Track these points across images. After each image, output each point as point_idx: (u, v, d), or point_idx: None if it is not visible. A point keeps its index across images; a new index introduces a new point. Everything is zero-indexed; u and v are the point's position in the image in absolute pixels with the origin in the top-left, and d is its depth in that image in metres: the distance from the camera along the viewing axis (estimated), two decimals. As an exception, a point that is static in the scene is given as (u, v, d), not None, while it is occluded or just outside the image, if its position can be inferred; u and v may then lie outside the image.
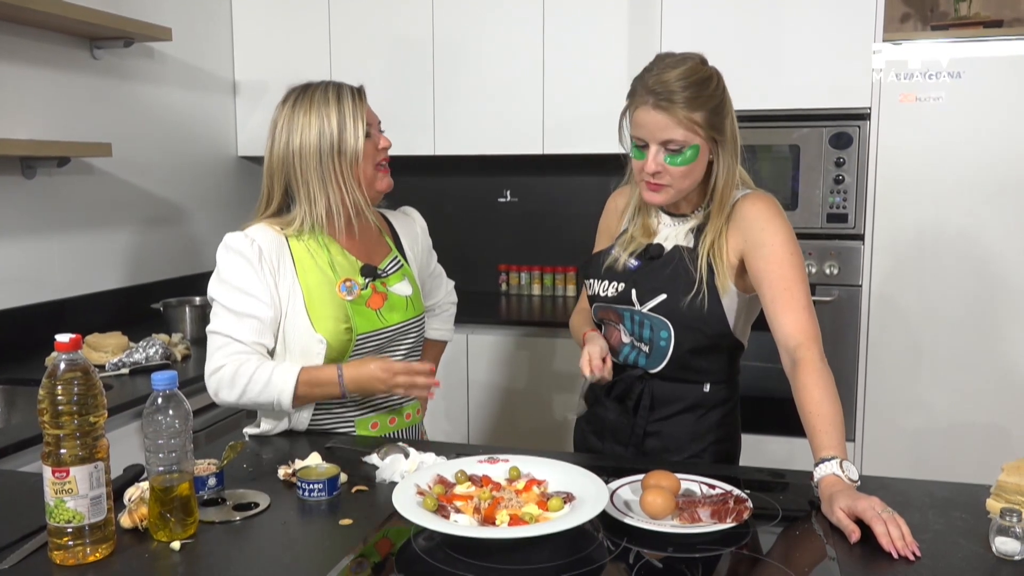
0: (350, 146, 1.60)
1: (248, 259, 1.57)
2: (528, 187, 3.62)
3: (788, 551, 1.18)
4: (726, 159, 1.53)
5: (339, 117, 1.60)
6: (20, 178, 2.53)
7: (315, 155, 1.60)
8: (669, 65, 1.49)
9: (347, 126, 1.60)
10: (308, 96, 1.62)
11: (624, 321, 1.63)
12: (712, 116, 1.48)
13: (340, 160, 1.60)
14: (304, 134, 1.60)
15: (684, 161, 1.49)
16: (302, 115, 1.61)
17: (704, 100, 1.47)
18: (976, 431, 2.71)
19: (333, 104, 1.61)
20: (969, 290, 2.68)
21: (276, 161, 1.63)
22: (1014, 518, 1.11)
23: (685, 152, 1.48)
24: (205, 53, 3.34)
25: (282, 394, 1.55)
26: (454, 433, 3.15)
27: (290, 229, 1.63)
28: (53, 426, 1.08)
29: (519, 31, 3.16)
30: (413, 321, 1.74)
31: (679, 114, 1.46)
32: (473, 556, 1.12)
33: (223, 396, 1.57)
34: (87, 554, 1.11)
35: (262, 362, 1.56)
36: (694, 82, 1.47)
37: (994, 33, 2.66)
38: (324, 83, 1.65)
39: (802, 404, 1.38)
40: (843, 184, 2.72)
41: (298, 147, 1.60)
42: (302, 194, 1.62)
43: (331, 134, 1.60)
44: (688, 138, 1.47)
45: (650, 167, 1.50)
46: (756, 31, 2.74)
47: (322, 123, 1.60)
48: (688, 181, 1.53)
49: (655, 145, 1.49)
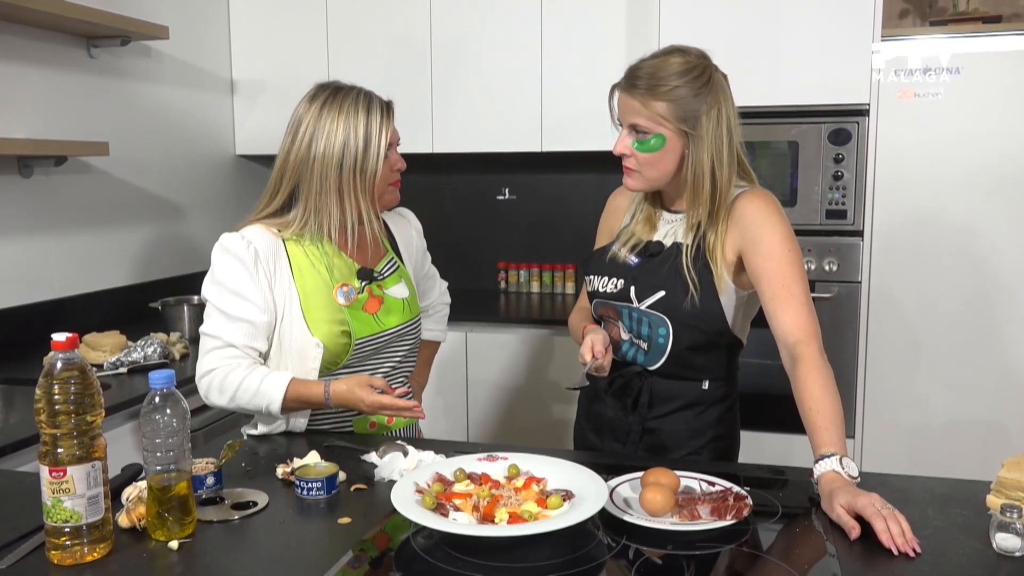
0: (371, 164, 1.57)
1: (243, 262, 1.55)
2: (527, 185, 3.62)
3: (788, 548, 1.18)
4: (698, 155, 1.51)
5: (366, 131, 1.57)
6: (17, 177, 2.53)
7: (336, 166, 1.56)
8: (657, 54, 1.53)
9: (372, 142, 1.57)
10: (339, 101, 1.58)
11: (623, 318, 1.63)
12: (678, 108, 1.48)
13: (360, 175, 1.57)
14: (329, 141, 1.56)
15: (649, 148, 1.52)
16: (329, 120, 1.56)
17: (667, 91, 1.48)
18: (975, 427, 2.70)
19: (362, 116, 1.57)
20: (968, 286, 2.68)
21: (293, 161, 1.58)
22: (1014, 514, 1.11)
23: (650, 140, 1.51)
24: (202, 52, 3.33)
25: (271, 404, 1.54)
26: (453, 431, 3.15)
27: (288, 231, 1.61)
28: (50, 425, 1.08)
29: (517, 29, 3.15)
30: (410, 323, 1.73)
31: (638, 100, 1.50)
32: (472, 554, 1.12)
33: (213, 399, 1.56)
34: (85, 554, 1.11)
35: (253, 368, 1.55)
36: (666, 75, 1.49)
37: (993, 29, 2.66)
38: (356, 90, 1.61)
39: (802, 401, 1.37)
40: (842, 180, 2.72)
41: (320, 153, 1.56)
42: (312, 201, 1.58)
43: (356, 148, 1.56)
44: (651, 126, 1.50)
45: (617, 148, 1.55)
46: (754, 27, 2.73)
47: (348, 133, 1.56)
48: (657, 171, 1.54)
49: (625, 127, 1.54)
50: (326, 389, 1.54)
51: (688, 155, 1.52)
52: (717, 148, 1.51)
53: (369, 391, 1.52)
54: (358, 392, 1.52)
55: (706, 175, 1.52)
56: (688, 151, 1.52)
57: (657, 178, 1.56)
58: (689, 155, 1.52)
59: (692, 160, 1.52)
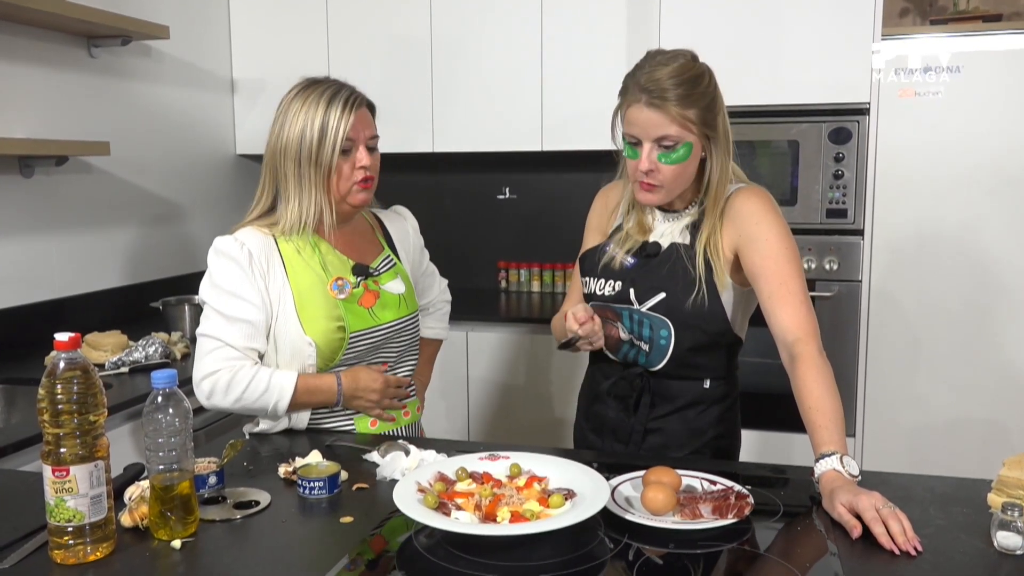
0: (326, 156, 1.56)
1: (238, 263, 1.56)
2: (527, 184, 3.62)
3: (789, 547, 1.18)
4: (719, 155, 1.52)
5: (323, 123, 1.55)
6: (18, 177, 2.53)
7: (294, 156, 1.57)
8: (660, 62, 1.49)
9: (328, 135, 1.56)
10: (306, 92, 1.59)
11: (623, 320, 1.63)
12: (705, 113, 1.48)
13: (315, 168, 1.57)
14: (290, 131, 1.57)
15: (678, 159, 1.49)
16: (293, 111, 1.58)
17: (696, 97, 1.47)
18: (976, 426, 2.71)
19: (322, 107, 1.56)
20: (968, 285, 2.68)
21: (267, 154, 1.61)
22: (1015, 512, 1.11)
23: (679, 149, 1.48)
24: (203, 51, 3.33)
25: (280, 400, 1.55)
26: (454, 430, 3.15)
27: (277, 229, 1.62)
28: (53, 425, 1.08)
29: (518, 28, 3.15)
30: (407, 319, 1.73)
31: (672, 111, 1.45)
32: (474, 553, 1.12)
33: (215, 400, 1.55)
34: (87, 553, 1.11)
35: (259, 367, 1.56)
36: (687, 79, 1.47)
37: (993, 27, 2.66)
38: (328, 83, 1.61)
39: (802, 399, 1.37)
40: (842, 179, 2.72)
41: (284, 144, 1.58)
42: (282, 194, 1.61)
43: (311, 140, 1.56)
44: (681, 135, 1.47)
45: (644, 165, 1.49)
46: (754, 26, 2.73)
47: (305, 125, 1.56)
48: (680, 181, 1.53)
49: (648, 143, 1.49)
50: (338, 378, 1.59)
51: (710, 158, 1.52)
52: (728, 147, 1.53)
53: (375, 371, 1.60)
54: (365, 374, 1.61)
55: (726, 175, 1.53)
56: (709, 154, 1.52)
57: (679, 188, 1.55)
58: (711, 158, 1.52)
59: (713, 162, 1.52)
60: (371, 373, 1.64)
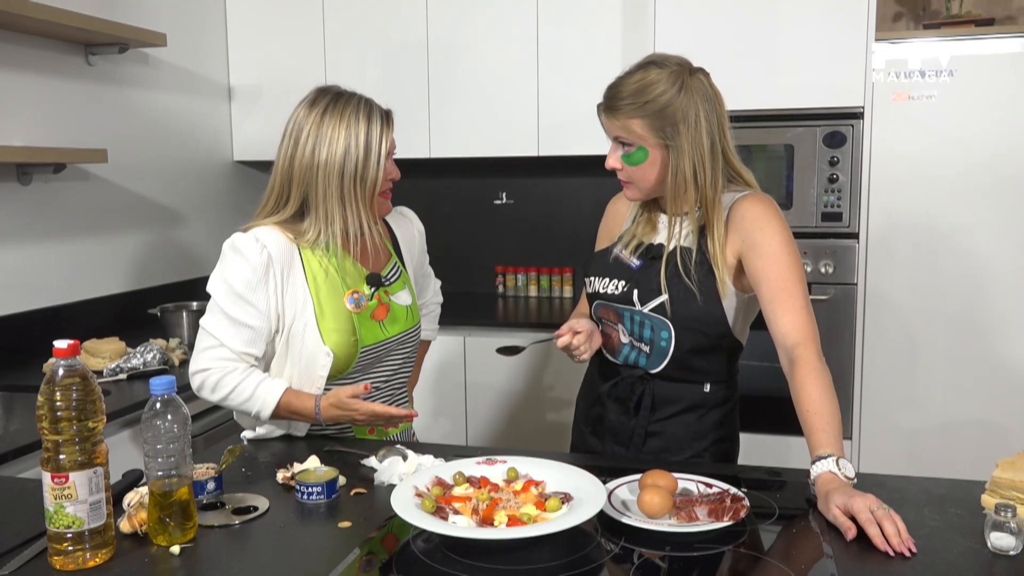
0: (372, 172, 1.58)
1: (254, 266, 1.54)
2: (524, 189, 3.63)
3: (785, 549, 1.18)
4: (678, 163, 1.52)
5: (367, 139, 1.56)
6: (16, 184, 2.54)
7: (338, 175, 1.56)
8: (631, 71, 1.57)
9: (373, 151, 1.57)
10: (340, 107, 1.57)
11: (624, 321, 1.64)
12: (651, 122, 1.51)
13: (360, 184, 1.57)
14: (331, 148, 1.55)
15: (635, 161, 1.56)
16: (331, 127, 1.56)
17: (639, 108, 1.51)
18: (971, 427, 2.72)
19: (363, 124, 1.57)
20: (964, 287, 2.69)
21: (299, 170, 1.57)
22: (1009, 513, 1.12)
23: (634, 153, 1.55)
24: (200, 58, 3.34)
25: (262, 410, 1.57)
26: (452, 435, 3.15)
27: (303, 239, 1.60)
28: (52, 432, 1.09)
29: (514, 33, 3.16)
30: (411, 331, 1.74)
31: (620, 119, 1.54)
32: (471, 557, 1.13)
33: (204, 395, 1.58)
34: (87, 559, 1.11)
35: (248, 373, 1.56)
36: (635, 90, 1.52)
37: (986, 31, 2.67)
38: (356, 97, 1.61)
39: (799, 403, 1.38)
40: (837, 183, 2.73)
41: (323, 161, 1.55)
42: (320, 210, 1.58)
43: (357, 156, 1.56)
44: (632, 140, 1.54)
45: (609, 163, 1.60)
46: (749, 30, 2.75)
47: (350, 142, 1.55)
48: (647, 182, 1.57)
49: (612, 143, 1.58)
50: (317, 404, 1.57)
51: (670, 165, 1.54)
52: (699, 154, 1.52)
53: (359, 401, 1.54)
54: (350, 404, 1.54)
55: (689, 181, 1.54)
56: (671, 161, 1.53)
57: (650, 188, 1.59)
58: (670, 164, 1.54)
59: (673, 169, 1.54)
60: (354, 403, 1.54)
